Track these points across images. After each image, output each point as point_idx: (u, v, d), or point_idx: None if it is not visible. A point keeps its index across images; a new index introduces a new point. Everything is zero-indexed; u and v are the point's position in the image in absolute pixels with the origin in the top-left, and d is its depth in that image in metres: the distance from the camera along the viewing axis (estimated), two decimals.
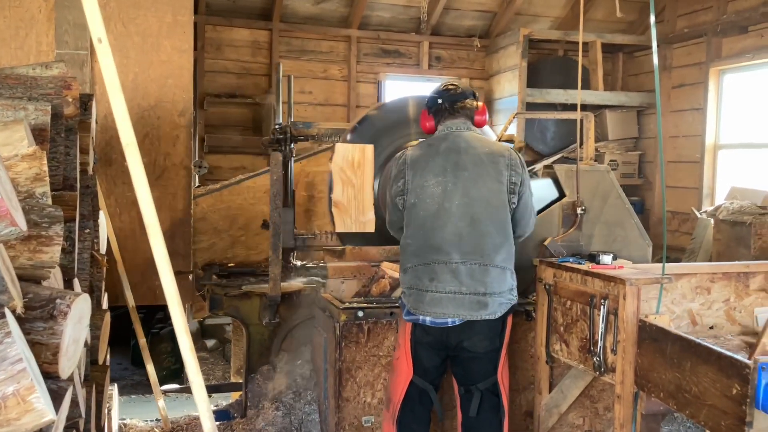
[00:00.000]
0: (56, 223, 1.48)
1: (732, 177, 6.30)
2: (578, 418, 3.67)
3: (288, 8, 7.03)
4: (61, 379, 1.35)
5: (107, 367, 2.81)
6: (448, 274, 3.05)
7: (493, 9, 7.41)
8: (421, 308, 3.07)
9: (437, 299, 3.05)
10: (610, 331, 2.91)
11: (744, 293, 3.19)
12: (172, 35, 4.72)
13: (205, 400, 1.97)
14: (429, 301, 3.05)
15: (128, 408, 5.63)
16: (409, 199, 3.14)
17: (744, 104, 6.35)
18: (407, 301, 3.13)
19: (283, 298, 4.11)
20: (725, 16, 6.29)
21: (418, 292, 3.08)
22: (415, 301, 3.09)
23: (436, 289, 3.05)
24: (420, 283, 3.08)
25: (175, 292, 1.97)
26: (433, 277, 3.06)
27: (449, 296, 3.04)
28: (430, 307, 3.06)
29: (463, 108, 3.26)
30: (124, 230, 4.63)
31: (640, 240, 3.76)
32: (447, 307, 3.04)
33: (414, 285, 3.10)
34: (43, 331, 1.29)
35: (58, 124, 1.93)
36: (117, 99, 1.94)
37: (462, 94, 3.27)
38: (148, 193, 1.98)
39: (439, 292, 3.05)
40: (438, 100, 3.27)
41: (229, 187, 5.17)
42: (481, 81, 7.65)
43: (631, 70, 7.70)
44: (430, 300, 3.05)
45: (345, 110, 7.35)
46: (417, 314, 3.09)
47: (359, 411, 3.64)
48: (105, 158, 4.52)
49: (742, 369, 2.22)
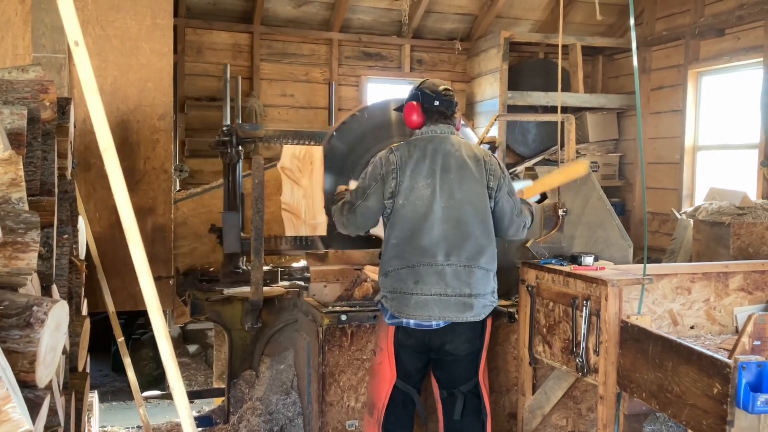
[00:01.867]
0: (33, 229, 1.46)
1: (711, 178, 6.37)
2: (562, 419, 3.68)
3: (269, 11, 7.01)
4: (39, 388, 1.33)
5: (87, 374, 2.78)
6: (433, 276, 3.05)
7: (473, 12, 7.43)
8: (406, 311, 3.06)
9: (423, 302, 3.04)
10: (592, 332, 2.92)
11: (723, 293, 3.22)
12: (151, 38, 4.68)
13: (186, 407, 1.95)
14: (414, 304, 3.04)
15: (109, 415, 5.58)
16: (398, 200, 3.11)
17: (721, 106, 6.42)
18: (390, 305, 3.10)
19: (265, 302, 4.08)
20: (702, 19, 6.36)
21: (402, 295, 3.07)
22: (399, 304, 3.07)
23: (422, 292, 3.05)
24: (404, 286, 3.07)
25: (155, 297, 1.95)
26: (417, 280, 3.05)
27: (435, 298, 3.04)
28: (414, 310, 3.05)
29: (454, 116, 3.31)
30: (104, 235, 4.58)
31: (621, 241, 3.79)
32: (432, 309, 3.04)
33: (397, 288, 3.09)
34: (19, 339, 1.27)
35: (35, 128, 1.91)
36: (94, 102, 1.91)
37: (456, 102, 3.33)
38: (127, 197, 1.96)
39: (424, 295, 3.04)
40: (436, 101, 3.25)
41: (211, 191, 5.14)
42: (462, 83, 7.67)
43: (611, 72, 7.76)
44: (415, 303, 3.04)
45: (327, 113, 7.33)
46: (400, 318, 3.09)
47: (343, 415, 3.62)
48: (84, 162, 4.47)
49: (723, 368, 2.23)
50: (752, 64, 5.94)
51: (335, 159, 4.33)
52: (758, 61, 5.79)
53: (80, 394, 2.45)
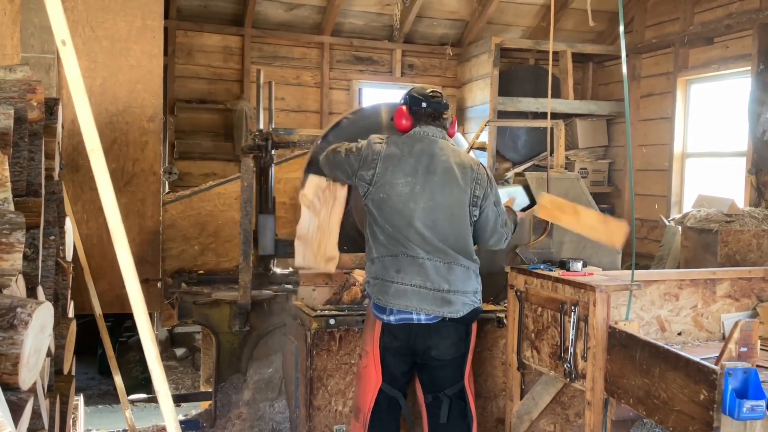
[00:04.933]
0: (18, 230, 1.44)
1: (699, 185, 6.40)
2: (549, 424, 3.68)
3: (260, 14, 7.00)
4: (22, 390, 1.31)
5: (72, 377, 2.75)
6: (415, 266, 3.09)
7: (465, 18, 7.45)
8: (385, 299, 3.10)
9: (402, 291, 3.07)
10: (580, 337, 2.93)
11: (711, 299, 3.23)
12: (141, 40, 4.66)
13: (171, 410, 1.93)
14: (393, 293, 3.08)
15: (95, 418, 5.54)
16: (378, 193, 3.15)
17: (710, 114, 6.47)
18: (371, 291, 3.16)
19: (253, 305, 4.07)
20: (692, 27, 6.41)
21: (383, 282, 3.11)
22: (379, 291, 3.11)
23: (402, 281, 3.08)
24: (386, 273, 3.11)
25: (141, 299, 1.93)
26: (399, 269, 3.10)
27: (414, 289, 3.07)
28: (394, 299, 3.08)
29: (443, 118, 3.30)
30: (92, 237, 4.55)
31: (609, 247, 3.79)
32: (411, 299, 3.07)
33: (380, 275, 3.13)
34: (2, 341, 1.26)
35: (21, 128, 1.89)
36: (81, 102, 1.90)
37: (446, 105, 3.32)
38: (114, 199, 1.95)
39: (404, 284, 3.08)
40: (423, 104, 3.27)
41: (199, 194, 5.12)
42: (453, 89, 7.68)
43: (601, 79, 7.80)
44: (395, 291, 3.08)
45: (318, 117, 7.33)
46: (382, 305, 3.11)
47: (330, 419, 3.61)
48: (72, 164, 4.44)
49: (710, 375, 2.24)
50: (740, 72, 5.99)
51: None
52: (746, 70, 5.84)
53: (65, 397, 2.43)
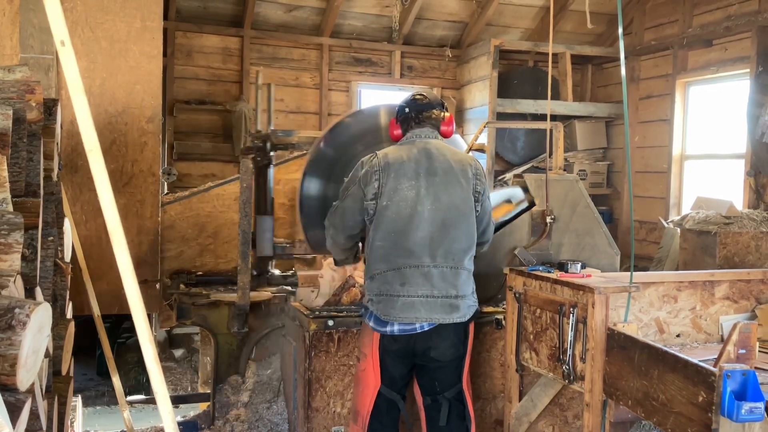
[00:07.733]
0: (16, 231, 1.44)
1: (698, 187, 6.41)
2: (548, 426, 3.68)
3: (259, 15, 7.00)
4: (20, 391, 1.31)
5: (71, 378, 2.75)
6: (420, 277, 3.05)
7: (464, 19, 7.46)
8: (392, 314, 3.05)
9: (409, 303, 3.04)
10: (579, 339, 2.93)
11: (709, 301, 3.23)
12: (140, 41, 4.66)
13: (169, 411, 1.93)
14: (401, 306, 3.04)
15: (93, 419, 5.53)
16: (382, 202, 3.11)
17: (709, 116, 6.47)
18: (376, 308, 3.10)
19: (252, 307, 4.07)
20: (690, 29, 6.42)
21: (389, 297, 3.07)
22: (385, 307, 3.07)
23: (408, 294, 3.05)
24: (390, 288, 3.07)
25: (140, 300, 1.93)
26: (404, 282, 3.06)
27: (421, 300, 3.04)
28: (401, 313, 3.04)
29: (429, 118, 3.28)
30: (90, 238, 4.54)
31: (608, 249, 3.80)
32: (419, 311, 3.04)
33: (383, 291, 3.09)
34: (0, 342, 1.26)
35: (20, 128, 1.89)
36: (80, 103, 1.90)
37: (429, 104, 3.29)
38: (112, 199, 1.95)
39: (411, 297, 3.04)
40: (405, 109, 3.30)
41: (198, 195, 5.11)
42: (452, 90, 7.69)
43: (600, 81, 7.81)
44: (402, 305, 3.04)
45: (317, 118, 7.33)
46: (387, 320, 3.07)
47: (329, 421, 3.61)
48: (71, 164, 4.43)
49: (708, 377, 2.24)
50: (739, 74, 6.00)
51: (324, 164, 4.32)
52: (745, 72, 5.85)
53: (63, 398, 2.42)
